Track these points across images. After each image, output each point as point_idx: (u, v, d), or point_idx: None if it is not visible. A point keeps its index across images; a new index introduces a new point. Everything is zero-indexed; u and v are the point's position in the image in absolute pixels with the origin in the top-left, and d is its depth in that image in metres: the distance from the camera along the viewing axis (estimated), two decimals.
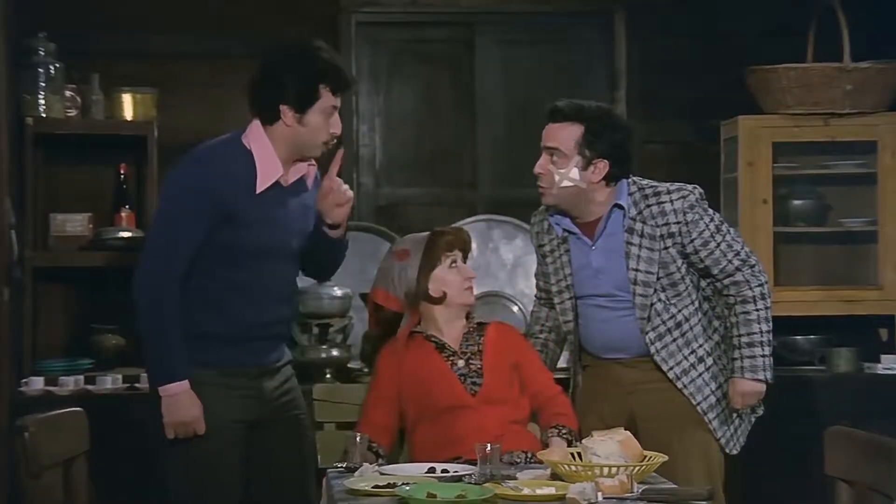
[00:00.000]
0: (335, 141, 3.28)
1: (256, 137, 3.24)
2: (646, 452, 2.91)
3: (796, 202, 4.81)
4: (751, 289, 3.37)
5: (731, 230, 3.41)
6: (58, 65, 4.53)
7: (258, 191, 3.21)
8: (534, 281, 3.70)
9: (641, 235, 3.37)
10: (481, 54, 5.19)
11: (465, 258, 3.45)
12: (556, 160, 3.36)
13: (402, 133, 5.19)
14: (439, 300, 3.40)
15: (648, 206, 3.37)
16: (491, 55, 5.19)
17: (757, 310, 3.37)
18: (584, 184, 3.35)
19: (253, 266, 3.23)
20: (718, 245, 3.36)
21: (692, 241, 3.36)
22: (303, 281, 3.57)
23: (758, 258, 3.42)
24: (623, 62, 5.10)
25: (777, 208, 4.72)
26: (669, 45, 5.04)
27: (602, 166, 3.35)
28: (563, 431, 3.31)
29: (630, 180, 3.42)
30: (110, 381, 4.37)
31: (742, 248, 3.38)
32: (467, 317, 3.45)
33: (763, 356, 3.36)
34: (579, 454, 2.94)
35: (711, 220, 3.38)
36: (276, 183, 3.26)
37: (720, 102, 4.89)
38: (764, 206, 4.69)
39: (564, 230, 3.46)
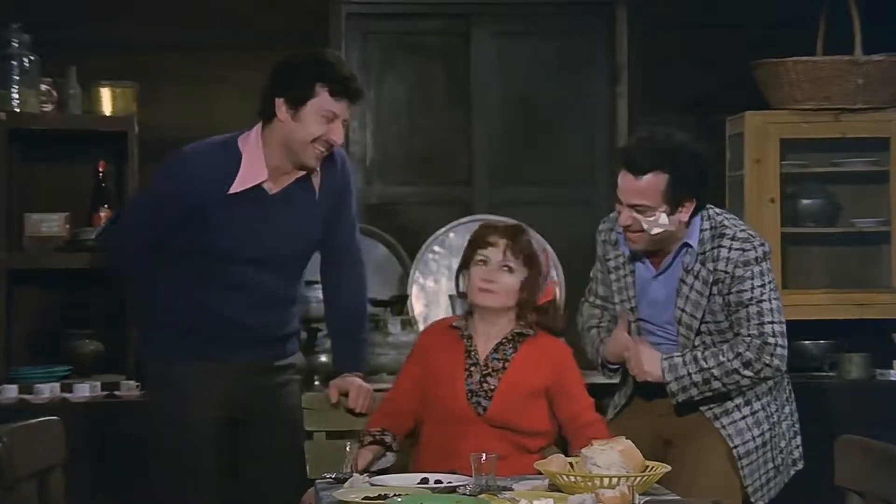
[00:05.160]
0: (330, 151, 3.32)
1: (251, 140, 3.34)
2: (648, 462, 2.91)
3: (805, 201, 4.81)
4: (749, 350, 3.31)
5: (774, 302, 3.34)
6: (32, 57, 4.52)
7: (230, 191, 3.30)
8: None
9: (696, 277, 3.37)
10: (477, 46, 5.19)
11: (507, 257, 3.30)
12: (641, 211, 3.30)
13: (395, 129, 5.18)
14: (464, 296, 3.38)
15: (712, 248, 3.36)
16: (487, 47, 5.19)
17: (732, 364, 3.31)
18: (674, 226, 3.33)
19: (233, 270, 3.34)
20: (748, 308, 3.32)
21: (729, 294, 3.34)
22: None
23: (782, 337, 3.33)
24: (625, 55, 5.09)
25: (785, 208, 4.72)
26: (673, 38, 5.04)
27: (689, 205, 3.32)
28: None
29: (705, 214, 3.38)
30: (88, 389, 4.37)
31: (771, 323, 3.31)
32: (519, 319, 3.33)
33: (690, 378, 3.31)
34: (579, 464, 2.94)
35: (762, 284, 3.33)
36: (260, 190, 3.33)
37: (726, 97, 4.89)
38: (771, 206, 4.69)
39: (633, 251, 3.43)
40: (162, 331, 3.43)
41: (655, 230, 3.31)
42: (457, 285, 3.41)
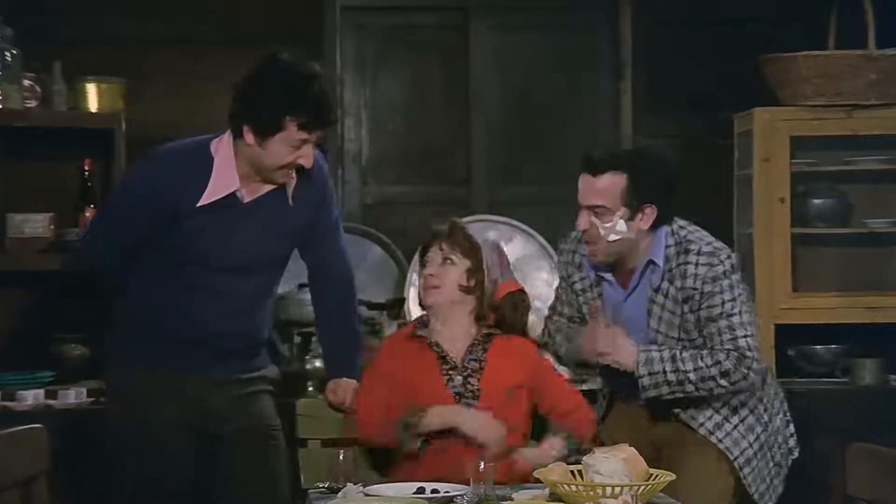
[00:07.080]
0: (302, 168, 3.32)
1: (223, 147, 3.33)
2: (652, 471, 2.91)
3: (816, 201, 4.81)
4: (728, 360, 3.32)
5: (745, 314, 3.37)
6: (15, 51, 4.51)
7: (199, 204, 3.29)
8: (531, 285, 3.70)
9: (666, 296, 3.39)
10: (476, 41, 5.19)
11: (445, 250, 3.38)
12: (599, 214, 3.33)
13: (391, 127, 5.18)
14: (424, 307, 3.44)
15: (678, 264, 3.38)
16: (486, 42, 5.19)
17: (710, 372, 3.32)
18: (633, 234, 3.35)
19: (201, 274, 3.34)
20: (718, 323, 3.35)
21: (699, 310, 3.37)
22: (283, 285, 3.60)
23: (757, 351, 3.36)
24: (629, 50, 5.09)
25: (795, 208, 4.72)
26: (679, 32, 5.04)
27: (650, 212, 3.34)
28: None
29: (669, 228, 3.40)
30: (73, 395, 4.36)
31: (745, 337, 3.34)
32: (479, 320, 3.38)
33: (664, 375, 3.33)
34: (580, 472, 2.93)
35: (732, 298, 3.35)
36: (233, 197, 3.33)
37: (733, 93, 4.89)
38: (781, 206, 4.69)
39: (598, 274, 3.46)
40: (130, 336, 3.44)
41: (612, 237, 3.33)
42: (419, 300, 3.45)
